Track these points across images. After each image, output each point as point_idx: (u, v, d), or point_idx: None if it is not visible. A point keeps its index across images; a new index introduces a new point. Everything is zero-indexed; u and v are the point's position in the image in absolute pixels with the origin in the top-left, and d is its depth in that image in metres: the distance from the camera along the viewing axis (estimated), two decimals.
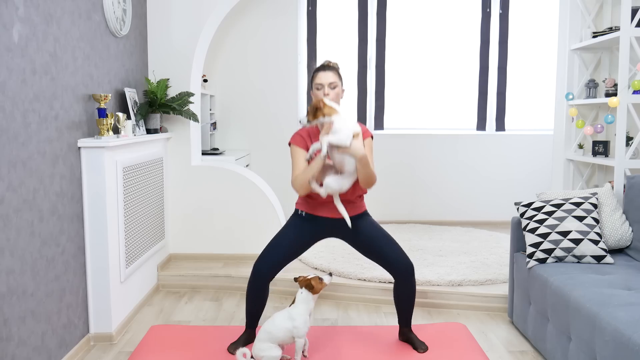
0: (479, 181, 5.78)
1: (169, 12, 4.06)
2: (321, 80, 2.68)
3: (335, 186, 2.57)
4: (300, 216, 2.78)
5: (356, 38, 5.72)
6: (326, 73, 2.68)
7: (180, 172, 4.19)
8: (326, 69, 2.70)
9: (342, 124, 2.48)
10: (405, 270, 2.71)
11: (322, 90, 2.67)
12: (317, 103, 2.52)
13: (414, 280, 2.74)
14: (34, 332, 2.43)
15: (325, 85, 2.67)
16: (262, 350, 2.52)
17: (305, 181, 2.57)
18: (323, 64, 2.75)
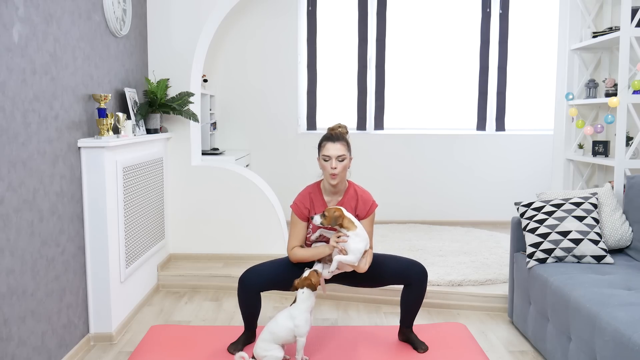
0: (479, 181, 5.78)
1: (169, 12, 4.06)
2: (329, 152, 2.61)
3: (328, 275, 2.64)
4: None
5: (356, 38, 5.72)
6: (335, 145, 2.62)
7: (180, 172, 4.19)
8: (335, 140, 2.63)
9: (355, 244, 2.54)
10: (421, 275, 2.70)
11: (330, 162, 2.60)
12: (339, 216, 2.54)
13: (426, 284, 2.73)
14: (34, 332, 2.43)
15: (333, 158, 2.60)
16: (265, 350, 2.52)
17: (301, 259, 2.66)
18: (332, 133, 2.66)
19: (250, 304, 2.71)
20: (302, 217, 2.71)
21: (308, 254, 2.65)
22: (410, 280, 2.69)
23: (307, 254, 2.65)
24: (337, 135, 2.65)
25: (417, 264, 2.71)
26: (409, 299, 2.74)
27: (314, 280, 2.53)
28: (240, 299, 2.70)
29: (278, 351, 2.53)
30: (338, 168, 2.60)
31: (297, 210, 2.71)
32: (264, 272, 2.69)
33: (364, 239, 2.56)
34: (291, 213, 2.74)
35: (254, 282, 2.65)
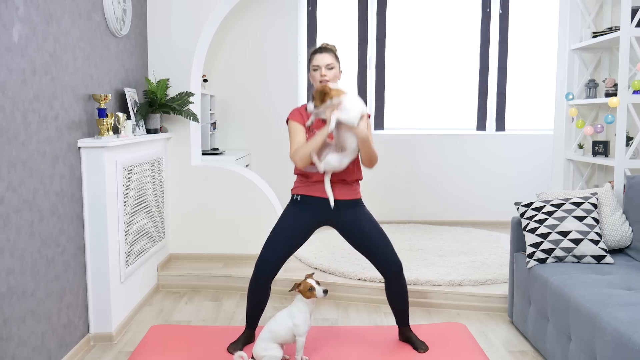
0: (479, 181, 5.78)
1: (169, 12, 4.06)
2: (318, 61, 2.68)
3: (335, 163, 2.58)
4: (295, 202, 2.78)
5: (356, 38, 5.72)
6: (323, 55, 2.68)
7: (180, 172, 4.19)
8: (323, 51, 2.69)
9: (351, 103, 2.51)
10: (394, 270, 2.71)
11: (319, 71, 2.66)
12: (323, 88, 2.52)
13: (403, 280, 2.74)
14: (34, 332, 2.43)
15: (322, 66, 2.66)
16: (264, 349, 2.52)
17: (307, 153, 2.57)
18: (320, 46, 2.74)
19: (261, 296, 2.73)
20: (300, 121, 2.69)
21: (310, 143, 2.57)
22: (382, 272, 2.73)
23: (309, 144, 2.58)
24: (325, 47, 2.72)
25: (392, 259, 2.71)
26: (391, 296, 2.78)
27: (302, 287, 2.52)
28: (252, 292, 2.72)
29: (277, 351, 2.53)
30: (328, 76, 2.65)
31: (294, 116, 2.70)
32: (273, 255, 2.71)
33: (358, 100, 2.54)
34: (288, 125, 2.71)
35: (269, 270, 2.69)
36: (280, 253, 2.72)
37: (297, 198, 2.78)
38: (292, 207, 2.79)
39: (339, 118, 2.49)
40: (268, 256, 2.71)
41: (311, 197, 2.73)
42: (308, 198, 2.74)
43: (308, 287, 2.52)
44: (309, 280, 2.54)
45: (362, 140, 2.55)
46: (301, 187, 2.77)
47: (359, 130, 2.51)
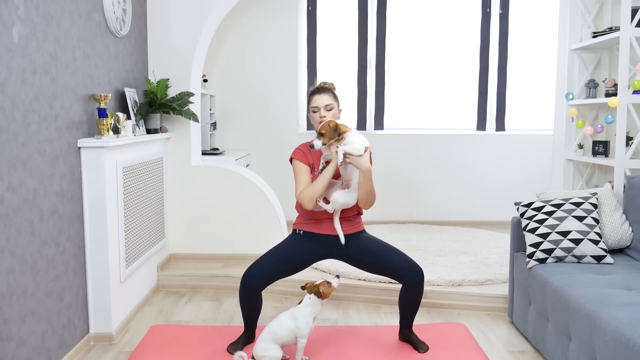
0: (479, 181, 5.78)
1: (169, 12, 4.06)
2: (317, 103, 2.70)
3: (342, 200, 2.63)
4: (298, 235, 2.79)
5: (356, 38, 5.72)
6: (322, 96, 2.70)
7: (180, 172, 4.19)
8: (321, 92, 2.71)
9: (354, 136, 2.58)
10: (417, 278, 2.67)
11: (319, 112, 2.69)
12: (335, 125, 2.57)
13: (423, 286, 2.72)
14: (34, 332, 2.43)
15: (321, 108, 2.69)
16: (264, 350, 2.52)
17: (316, 192, 2.59)
18: (318, 86, 2.76)
19: (252, 304, 2.70)
20: (305, 160, 2.72)
21: (317, 182, 2.61)
22: (404, 280, 2.68)
23: (316, 183, 2.61)
24: (324, 88, 2.74)
25: (414, 265, 2.68)
26: (405, 300, 2.74)
27: (322, 289, 2.51)
28: (242, 299, 2.69)
29: (277, 351, 2.52)
30: (327, 117, 2.67)
31: (298, 156, 2.73)
32: (265, 268, 2.68)
33: (361, 136, 2.60)
34: (293, 164, 2.74)
35: (257, 281, 2.65)
36: (271, 270, 2.68)
37: (300, 232, 2.79)
38: (295, 237, 2.80)
39: (345, 150, 2.54)
40: (258, 269, 2.67)
41: (315, 234, 2.75)
42: (312, 235, 2.75)
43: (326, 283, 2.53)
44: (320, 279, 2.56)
45: (364, 173, 2.57)
46: (304, 225, 2.78)
47: (362, 162, 2.55)
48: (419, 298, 2.73)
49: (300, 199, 2.63)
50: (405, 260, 2.69)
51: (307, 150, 2.76)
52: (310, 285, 2.54)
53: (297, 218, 2.84)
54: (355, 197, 2.64)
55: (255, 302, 2.70)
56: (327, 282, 2.54)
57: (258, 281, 2.65)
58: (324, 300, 2.53)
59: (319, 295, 2.51)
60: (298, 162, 2.73)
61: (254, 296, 2.68)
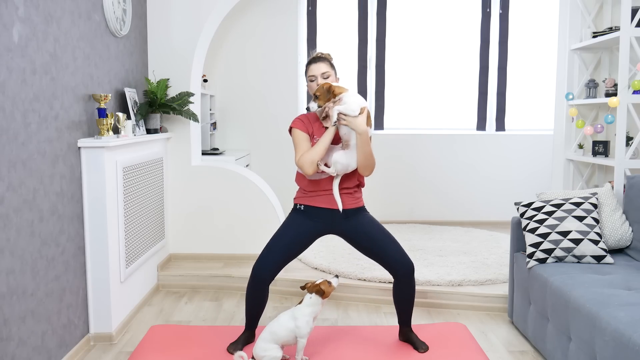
0: (479, 181, 5.78)
1: (169, 12, 4.06)
2: (313, 72, 2.69)
3: (344, 161, 2.60)
4: (299, 211, 2.77)
5: (356, 38, 5.72)
6: (318, 64, 2.69)
7: (180, 172, 4.19)
8: (317, 61, 2.70)
9: (350, 97, 2.56)
10: (406, 271, 2.68)
11: (316, 81, 2.68)
12: (328, 86, 2.56)
13: (414, 281, 2.72)
14: (34, 332, 2.43)
15: (318, 76, 2.68)
16: (264, 350, 2.52)
17: (316, 156, 2.58)
18: (314, 55, 2.75)
19: (259, 299, 2.71)
20: (304, 129, 2.71)
21: (317, 146, 2.60)
22: (395, 273, 2.69)
23: (316, 147, 2.60)
24: (319, 57, 2.73)
25: (405, 260, 2.68)
26: (399, 296, 2.75)
27: (324, 288, 2.52)
28: (250, 294, 2.70)
29: (277, 351, 2.52)
30: None
31: (297, 124, 2.72)
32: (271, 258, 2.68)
33: (358, 96, 2.59)
34: (292, 133, 2.73)
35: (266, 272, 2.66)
36: (279, 258, 2.69)
37: (300, 207, 2.78)
38: (295, 215, 2.79)
39: (339, 110, 2.53)
40: (266, 260, 2.69)
41: (315, 208, 2.73)
42: (312, 208, 2.74)
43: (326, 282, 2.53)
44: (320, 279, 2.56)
45: (360, 135, 2.55)
46: (304, 198, 2.77)
47: (357, 123, 2.53)
48: (412, 293, 2.74)
49: (300, 164, 2.61)
50: (399, 252, 2.69)
51: (306, 119, 2.76)
52: (311, 285, 2.54)
53: (297, 192, 2.82)
54: (355, 157, 2.62)
55: (263, 297, 2.71)
56: (327, 282, 2.55)
57: (268, 273, 2.67)
58: (324, 300, 2.54)
59: (321, 294, 2.51)
60: (297, 130, 2.72)
61: (263, 290, 2.69)
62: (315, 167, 2.60)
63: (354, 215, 2.73)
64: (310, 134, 2.72)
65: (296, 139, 2.70)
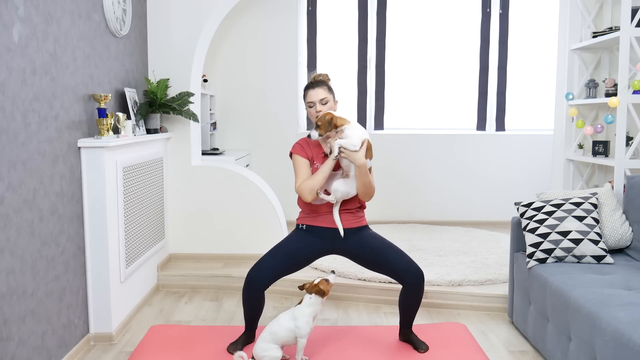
0: (479, 181, 5.78)
1: (169, 12, 4.06)
2: (312, 98, 2.70)
3: (343, 189, 2.64)
4: (301, 230, 2.78)
5: (356, 38, 5.72)
6: (315, 90, 2.70)
7: (180, 172, 4.19)
8: (315, 86, 2.71)
9: (352, 130, 2.59)
10: (417, 279, 2.65)
11: (314, 107, 2.69)
12: (330, 118, 2.58)
13: (423, 288, 2.70)
14: (34, 332, 2.43)
15: (316, 102, 2.69)
16: (264, 350, 2.52)
17: (316, 184, 2.61)
18: (311, 80, 2.75)
19: (255, 304, 2.70)
20: (304, 154, 2.73)
21: (318, 174, 2.63)
22: (405, 282, 2.67)
23: (315, 177, 2.63)
24: (317, 82, 2.73)
25: (415, 267, 2.66)
26: (405, 301, 2.73)
27: (323, 287, 2.51)
28: (245, 299, 2.69)
29: (276, 351, 2.52)
30: (323, 110, 2.67)
31: (297, 150, 2.74)
32: (269, 267, 2.67)
33: (361, 129, 2.62)
34: (292, 159, 2.75)
35: (261, 280, 2.64)
36: (275, 267, 2.67)
37: (302, 227, 2.79)
38: (298, 232, 2.80)
39: (341, 144, 2.56)
40: (262, 267, 2.66)
41: (317, 227, 2.74)
42: (314, 228, 2.75)
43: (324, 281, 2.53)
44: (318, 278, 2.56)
45: (358, 168, 2.59)
46: (307, 218, 2.78)
47: (356, 157, 2.56)
48: (419, 299, 2.72)
49: (299, 191, 2.64)
50: (407, 261, 2.67)
51: (305, 144, 2.77)
52: (310, 285, 2.54)
53: (300, 213, 2.84)
54: (354, 186, 2.65)
55: (259, 301, 2.70)
56: (325, 280, 2.54)
57: (262, 280, 2.64)
58: (323, 300, 2.54)
59: (321, 293, 2.51)
60: (297, 156, 2.73)
61: (258, 296, 2.67)
62: (315, 195, 2.63)
63: (355, 234, 2.74)
64: (310, 159, 2.75)
65: (296, 165, 2.72)
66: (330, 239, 2.73)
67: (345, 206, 2.73)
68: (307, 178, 2.66)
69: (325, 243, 2.75)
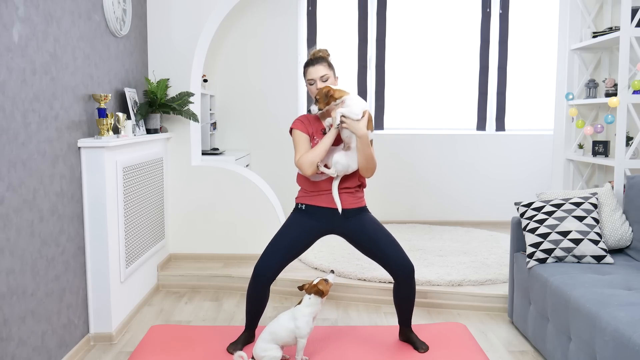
0: (479, 181, 5.78)
1: (169, 12, 4.06)
2: (312, 75, 2.69)
3: (344, 161, 2.62)
4: (300, 210, 2.77)
5: (356, 38, 5.72)
6: (315, 67, 2.68)
7: (180, 172, 4.19)
8: (315, 63, 2.69)
9: (353, 100, 2.58)
10: (406, 272, 2.67)
11: (315, 85, 2.68)
12: (327, 90, 2.57)
13: (414, 282, 2.71)
14: (34, 332, 2.43)
15: (316, 79, 2.67)
16: (264, 350, 2.52)
17: (316, 157, 2.59)
18: (311, 57, 2.74)
19: (260, 299, 2.71)
20: (304, 130, 2.72)
21: (318, 147, 2.62)
22: (395, 275, 2.69)
23: (316, 149, 2.62)
24: (316, 58, 2.71)
25: (405, 261, 2.67)
26: (399, 297, 2.74)
27: (322, 288, 2.51)
28: (251, 293, 2.70)
29: (276, 351, 2.52)
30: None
31: (297, 125, 2.73)
32: (273, 258, 2.68)
33: (361, 100, 2.61)
34: (292, 134, 2.74)
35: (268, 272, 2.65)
36: (281, 257, 2.69)
37: (302, 207, 2.78)
38: (296, 214, 2.79)
39: (342, 112, 2.54)
40: (268, 259, 2.69)
41: (316, 207, 2.73)
42: (313, 207, 2.74)
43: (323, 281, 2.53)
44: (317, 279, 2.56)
45: (360, 138, 2.56)
46: (306, 197, 2.77)
47: (358, 126, 2.54)
48: (412, 294, 2.73)
49: (299, 164, 2.63)
50: (399, 254, 2.68)
51: (306, 120, 2.76)
52: (309, 285, 2.54)
53: (299, 192, 2.82)
54: (356, 159, 2.63)
55: (264, 296, 2.71)
56: (324, 280, 2.54)
57: (269, 272, 2.66)
58: (323, 300, 2.54)
59: (320, 293, 2.51)
60: (297, 131, 2.73)
61: (264, 289, 2.69)
62: (315, 168, 2.60)
63: (355, 216, 2.73)
64: (310, 135, 2.73)
65: (296, 139, 2.71)
66: (330, 219, 2.72)
67: (345, 184, 2.70)
68: (307, 151, 2.64)
69: (324, 223, 2.73)
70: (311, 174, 2.62)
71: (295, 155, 2.67)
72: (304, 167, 2.61)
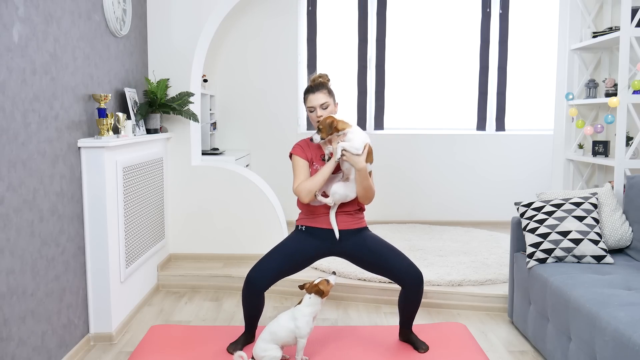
0: (479, 181, 5.78)
1: (169, 12, 4.06)
2: (312, 103, 2.70)
3: (342, 192, 2.65)
4: (300, 231, 2.78)
5: (356, 38, 5.72)
6: (316, 95, 2.69)
7: (180, 172, 4.19)
8: (315, 90, 2.70)
9: (354, 134, 2.60)
10: (416, 281, 2.65)
11: (315, 112, 2.69)
12: (330, 121, 2.59)
13: (422, 289, 2.69)
14: (34, 332, 2.43)
15: (317, 107, 2.69)
16: (264, 350, 2.51)
17: (314, 186, 2.61)
18: (311, 83, 2.74)
19: (255, 305, 2.70)
20: (303, 156, 2.73)
21: (317, 176, 2.63)
22: (404, 284, 2.67)
23: (314, 178, 2.63)
24: (317, 85, 2.72)
25: (414, 269, 2.65)
26: (405, 302, 2.72)
27: (322, 288, 2.51)
28: (245, 300, 2.69)
29: (276, 351, 2.52)
30: (324, 115, 2.68)
31: (297, 151, 2.74)
32: (268, 268, 2.66)
33: (362, 133, 2.63)
34: (292, 160, 2.75)
35: (261, 282, 2.63)
36: (275, 268, 2.67)
37: (302, 228, 2.79)
38: (298, 233, 2.79)
39: (344, 147, 2.57)
40: (261, 268, 2.66)
41: (317, 228, 2.74)
42: (313, 229, 2.75)
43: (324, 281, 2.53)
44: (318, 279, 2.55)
45: (358, 171, 2.59)
46: (306, 219, 2.78)
47: (357, 160, 2.56)
48: (418, 300, 2.72)
49: (297, 192, 2.64)
50: (406, 263, 2.67)
51: (306, 145, 2.77)
52: (310, 285, 2.54)
53: (299, 214, 2.84)
54: (354, 190, 2.65)
55: (258, 302, 2.70)
56: (325, 281, 2.54)
57: (262, 281, 2.64)
58: (323, 300, 2.53)
59: (320, 293, 2.51)
60: (297, 157, 2.74)
61: (257, 297, 2.67)
62: (312, 197, 2.64)
63: (354, 235, 2.74)
64: (309, 160, 2.75)
65: (295, 165, 2.73)
66: (329, 240, 2.73)
67: (344, 208, 2.73)
68: (306, 179, 2.66)
69: (324, 244, 2.74)
70: (308, 202, 2.65)
71: (294, 182, 2.69)
72: (302, 195, 2.63)
